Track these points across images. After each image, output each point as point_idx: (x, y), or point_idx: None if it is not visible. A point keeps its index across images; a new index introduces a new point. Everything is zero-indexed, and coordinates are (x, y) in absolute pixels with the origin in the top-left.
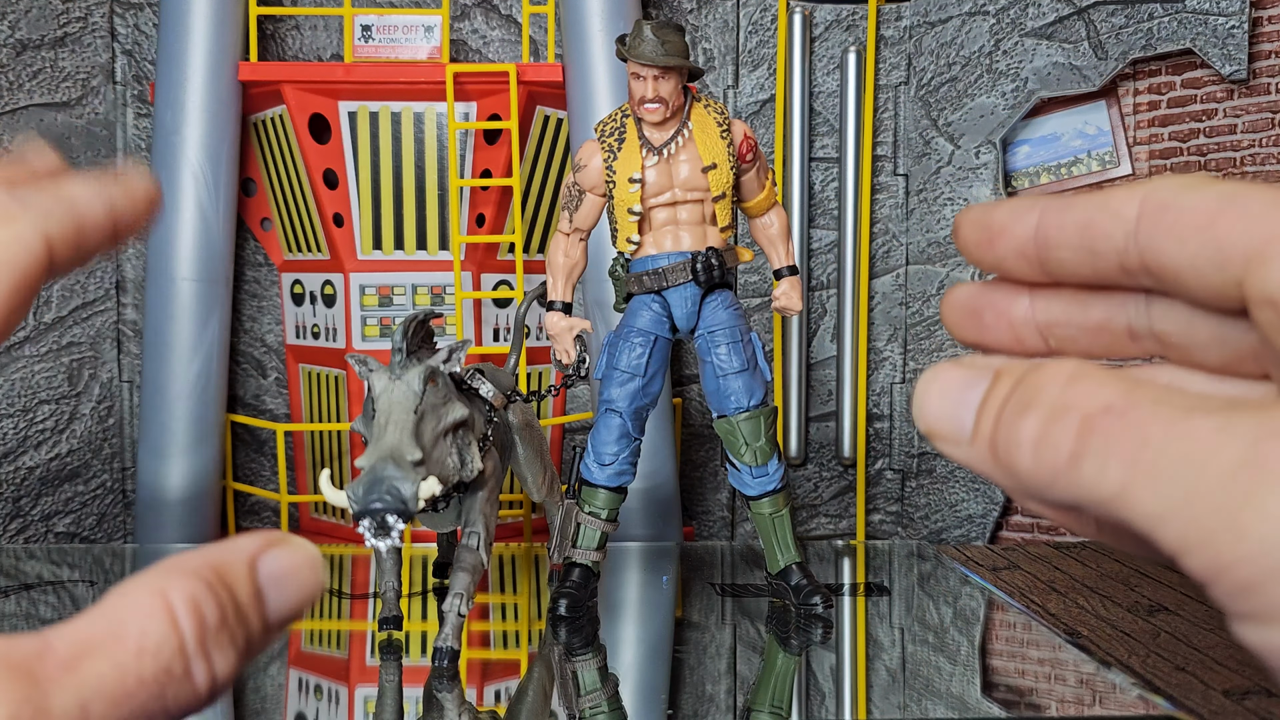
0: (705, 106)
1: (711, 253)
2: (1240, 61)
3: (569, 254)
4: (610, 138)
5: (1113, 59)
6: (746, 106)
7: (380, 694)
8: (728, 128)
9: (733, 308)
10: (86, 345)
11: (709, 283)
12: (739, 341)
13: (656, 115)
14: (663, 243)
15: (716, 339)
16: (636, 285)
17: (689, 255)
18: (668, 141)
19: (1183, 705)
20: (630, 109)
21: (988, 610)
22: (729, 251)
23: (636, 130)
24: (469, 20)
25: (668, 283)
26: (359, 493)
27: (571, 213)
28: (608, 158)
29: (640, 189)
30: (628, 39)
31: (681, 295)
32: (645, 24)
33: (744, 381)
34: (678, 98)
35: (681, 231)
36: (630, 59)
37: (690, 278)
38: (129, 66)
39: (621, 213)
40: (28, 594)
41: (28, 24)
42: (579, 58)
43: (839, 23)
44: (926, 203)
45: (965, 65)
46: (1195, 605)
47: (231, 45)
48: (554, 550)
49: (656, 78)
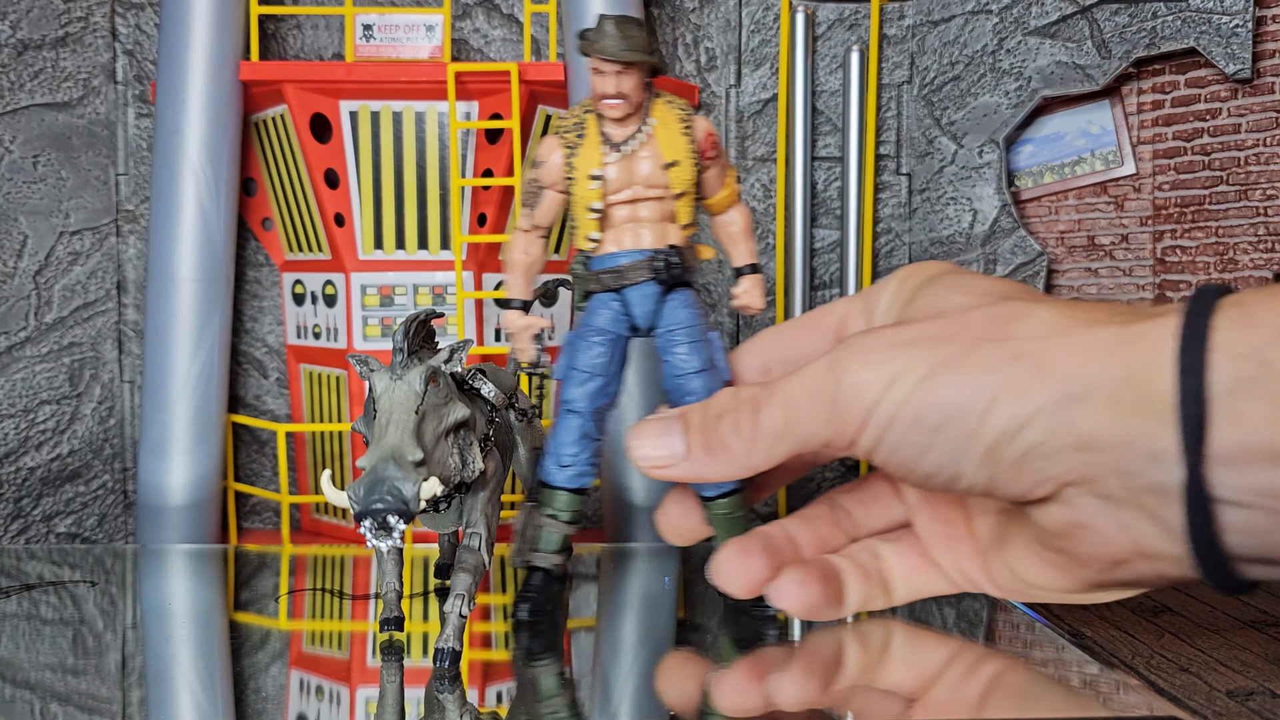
0: (668, 103)
1: (672, 250)
2: (1244, 60)
3: (528, 251)
4: (570, 134)
5: (1116, 58)
6: (749, 106)
7: (381, 695)
8: (690, 124)
9: (693, 307)
10: (87, 345)
11: (669, 281)
12: (698, 341)
13: (618, 111)
14: (623, 240)
15: (676, 338)
16: (596, 283)
17: (649, 253)
18: (629, 138)
19: (1186, 706)
20: (591, 105)
21: (990, 611)
22: (690, 249)
23: (597, 126)
24: (470, 19)
25: (627, 280)
26: (360, 493)
27: (531, 209)
28: (567, 154)
29: (601, 186)
30: (589, 34)
31: (641, 293)
32: (607, 19)
33: (703, 381)
34: (639, 94)
35: (642, 229)
36: (592, 54)
37: (650, 276)
38: (130, 66)
39: (581, 210)
40: (28, 594)
41: (29, 24)
42: (580, 57)
43: (841, 22)
44: (930, 202)
45: (968, 64)
46: (1199, 606)
47: (232, 45)
48: (514, 554)
49: (618, 73)
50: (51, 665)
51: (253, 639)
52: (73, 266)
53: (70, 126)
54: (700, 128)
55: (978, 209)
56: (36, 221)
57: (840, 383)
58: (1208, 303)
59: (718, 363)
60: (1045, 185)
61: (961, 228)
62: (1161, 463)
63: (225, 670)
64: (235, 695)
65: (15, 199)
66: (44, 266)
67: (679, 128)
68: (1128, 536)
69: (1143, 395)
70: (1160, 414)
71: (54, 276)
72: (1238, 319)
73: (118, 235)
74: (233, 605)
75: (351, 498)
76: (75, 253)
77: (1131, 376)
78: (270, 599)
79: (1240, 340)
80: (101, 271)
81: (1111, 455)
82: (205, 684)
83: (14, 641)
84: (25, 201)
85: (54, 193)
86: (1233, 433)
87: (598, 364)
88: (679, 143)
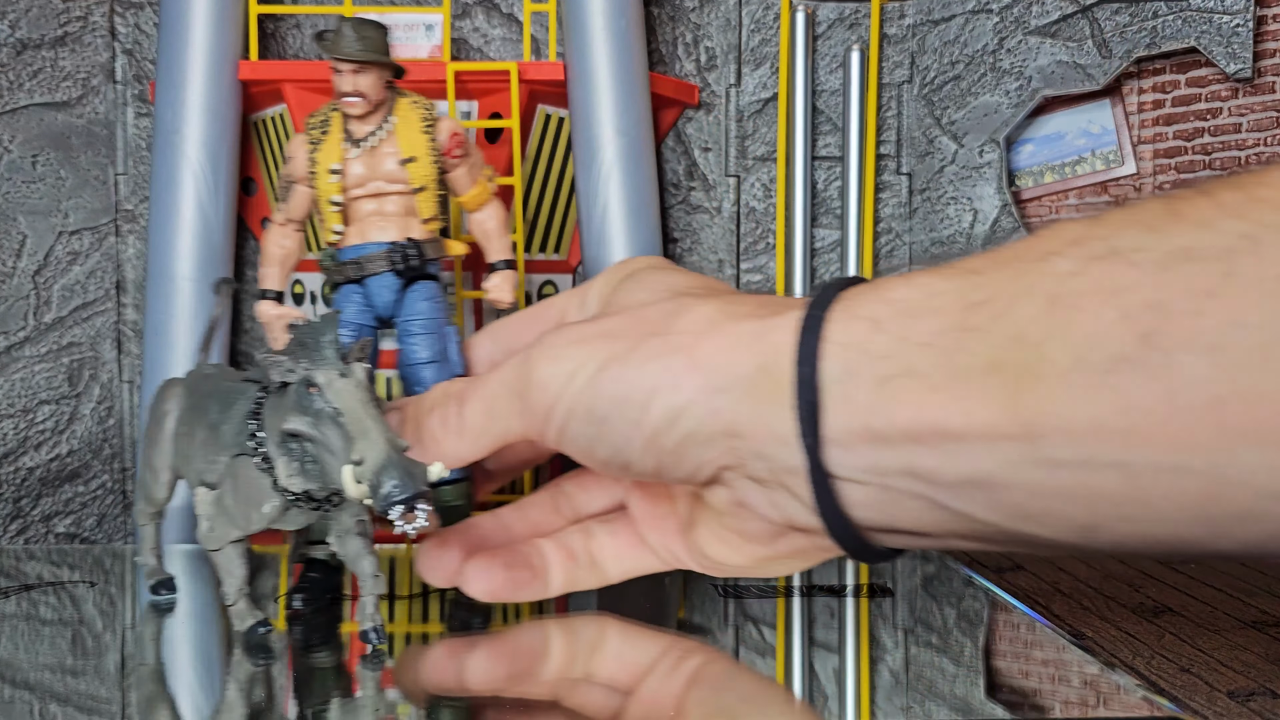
0: (412, 104)
1: (412, 243)
2: (1245, 60)
3: (281, 244)
4: (315, 130)
5: (1117, 57)
6: (749, 105)
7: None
8: (433, 123)
9: (434, 300)
10: (86, 345)
11: (408, 272)
12: (433, 333)
13: (357, 109)
14: (367, 233)
15: (411, 328)
16: (340, 275)
17: (389, 245)
18: (370, 134)
19: (1187, 707)
20: (336, 103)
21: (992, 612)
22: (433, 243)
23: (341, 124)
24: (470, 19)
25: (367, 271)
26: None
27: (284, 204)
28: (311, 149)
29: (341, 180)
30: (328, 35)
31: (381, 284)
32: (346, 22)
33: (433, 372)
34: (379, 93)
35: (385, 223)
36: (329, 54)
37: (389, 266)
38: (129, 66)
39: (324, 203)
40: (28, 594)
41: (28, 23)
42: (580, 56)
43: (842, 21)
44: (930, 202)
45: (969, 64)
46: (1200, 607)
47: (232, 44)
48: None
49: (354, 72)
50: (50, 666)
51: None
52: (72, 266)
53: (69, 126)
54: (444, 127)
55: (978, 209)
56: (35, 221)
57: (529, 379)
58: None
59: (451, 356)
60: (1046, 185)
61: (962, 227)
62: (789, 446)
63: (225, 670)
64: (235, 695)
65: (14, 199)
66: (43, 266)
67: (420, 126)
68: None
69: (773, 384)
70: (785, 401)
71: (53, 276)
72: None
73: (117, 235)
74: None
75: (390, 491)
76: (74, 252)
77: (765, 366)
78: (270, 599)
79: (844, 331)
80: (100, 271)
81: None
82: (204, 684)
83: (13, 642)
84: (24, 201)
85: (53, 192)
86: (842, 417)
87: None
88: (418, 140)
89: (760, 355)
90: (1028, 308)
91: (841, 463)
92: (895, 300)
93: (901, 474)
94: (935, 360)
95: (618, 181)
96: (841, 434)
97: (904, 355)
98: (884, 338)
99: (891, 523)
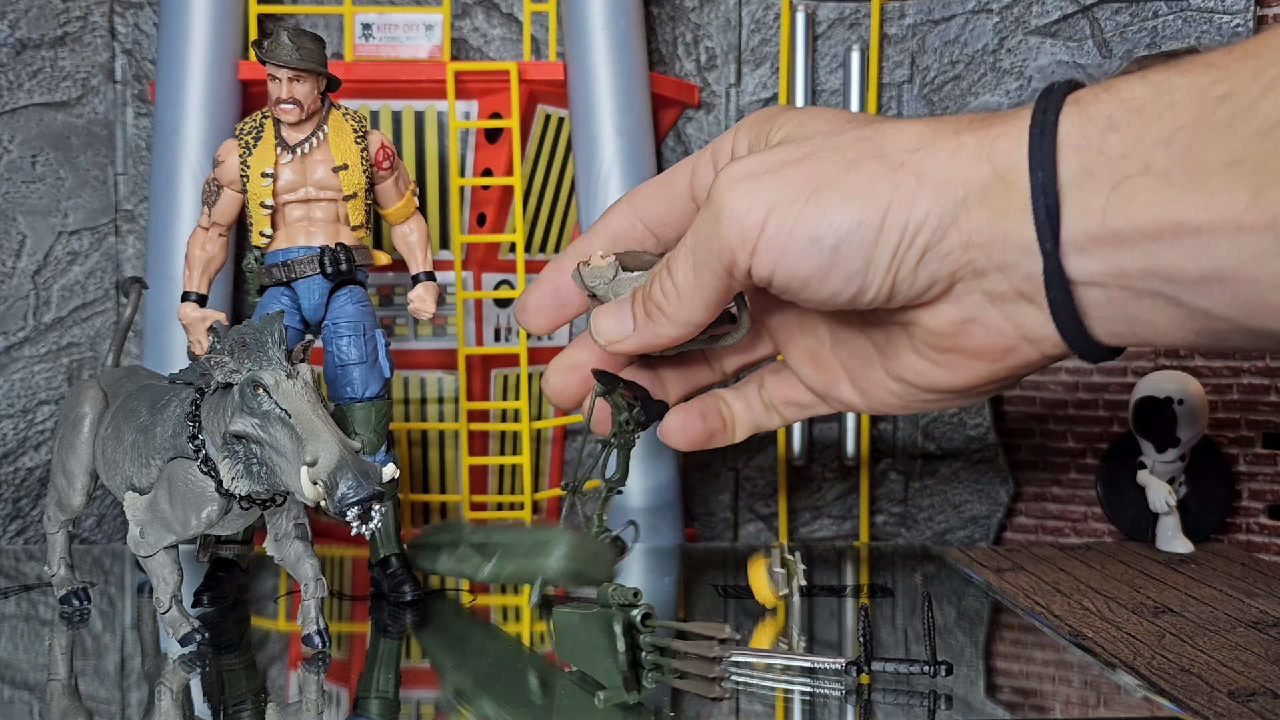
0: (344, 115)
1: (340, 248)
2: None
3: (205, 248)
4: (248, 135)
5: (1117, 57)
6: (749, 105)
7: None
8: (364, 134)
9: (360, 304)
10: (86, 346)
11: (335, 276)
12: (360, 335)
13: (291, 116)
14: (295, 238)
15: (339, 330)
16: (267, 277)
17: (317, 249)
18: (302, 141)
19: (1188, 707)
20: (269, 110)
21: (991, 612)
22: (360, 250)
23: (274, 130)
24: (470, 18)
25: (295, 274)
26: (351, 485)
27: (209, 207)
28: (243, 154)
29: (272, 184)
30: (266, 43)
31: (309, 287)
32: (283, 31)
33: (361, 373)
34: (314, 102)
35: (314, 228)
36: (266, 60)
37: (318, 270)
38: (129, 66)
39: (255, 206)
40: (28, 595)
41: (27, 23)
42: (580, 56)
43: (842, 21)
44: None
45: (969, 63)
46: (1200, 607)
47: (231, 44)
48: (198, 550)
49: (290, 80)
50: (50, 666)
51: (251, 640)
52: (71, 266)
53: (69, 126)
54: (374, 139)
55: None
56: (35, 221)
57: (720, 219)
58: (1056, 99)
59: (380, 358)
60: None
61: None
62: (1029, 253)
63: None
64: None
65: (14, 199)
66: (42, 266)
67: (351, 136)
68: (1012, 324)
69: (1007, 191)
70: (1022, 207)
71: (52, 276)
72: (1076, 113)
73: (116, 235)
74: (232, 606)
75: (345, 492)
76: (74, 252)
77: (999, 173)
78: (270, 599)
79: (1078, 133)
80: (100, 271)
81: (990, 250)
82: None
83: (13, 642)
84: (24, 201)
85: (52, 192)
86: (1081, 220)
87: None
88: (351, 149)
89: (990, 163)
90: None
91: (1080, 267)
92: (1130, 99)
93: (1141, 274)
94: (1175, 157)
95: (618, 181)
96: (1080, 237)
97: (1141, 154)
98: (1120, 137)
99: (1126, 324)
